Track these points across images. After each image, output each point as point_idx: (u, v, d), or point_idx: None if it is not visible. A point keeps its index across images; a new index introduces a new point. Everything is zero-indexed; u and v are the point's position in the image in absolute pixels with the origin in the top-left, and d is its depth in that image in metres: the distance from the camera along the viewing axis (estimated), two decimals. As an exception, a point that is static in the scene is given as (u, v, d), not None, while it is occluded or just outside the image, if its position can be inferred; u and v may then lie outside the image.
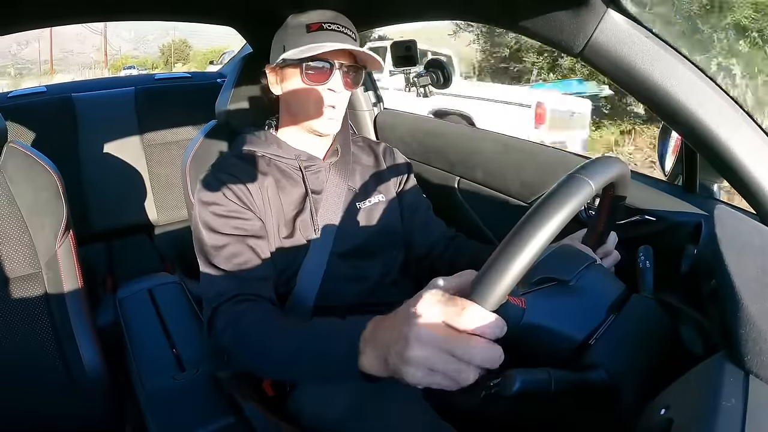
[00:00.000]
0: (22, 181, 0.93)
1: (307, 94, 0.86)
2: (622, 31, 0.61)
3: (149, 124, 1.81)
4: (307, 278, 0.87)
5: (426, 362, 0.45)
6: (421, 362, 0.45)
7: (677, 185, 0.88)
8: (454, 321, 0.44)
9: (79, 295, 0.98)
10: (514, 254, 0.43)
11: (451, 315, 0.44)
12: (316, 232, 0.88)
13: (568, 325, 0.55)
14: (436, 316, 0.45)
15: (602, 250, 0.73)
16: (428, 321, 0.45)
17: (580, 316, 0.56)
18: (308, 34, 0.84)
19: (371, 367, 0.53)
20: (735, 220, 0.62)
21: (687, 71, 0.62)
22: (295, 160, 0.90)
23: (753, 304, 0.43)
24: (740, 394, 0.38)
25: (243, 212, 0.83)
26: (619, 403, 0.53)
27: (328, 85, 0.85)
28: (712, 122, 0.63)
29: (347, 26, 0.87)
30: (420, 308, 0.46)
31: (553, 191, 0.47)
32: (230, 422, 0.86)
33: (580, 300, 0.57)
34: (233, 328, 0.73)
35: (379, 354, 0.51)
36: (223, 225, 0.81)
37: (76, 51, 23.28)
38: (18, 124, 1.63)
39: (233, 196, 0.83)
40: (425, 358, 0.44)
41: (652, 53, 0.61)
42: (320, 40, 0.83)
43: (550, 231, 0.44)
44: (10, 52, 22.42)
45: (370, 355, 0.53)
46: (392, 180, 1.01)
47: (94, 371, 0.96)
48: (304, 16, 0.86)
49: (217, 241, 0.81)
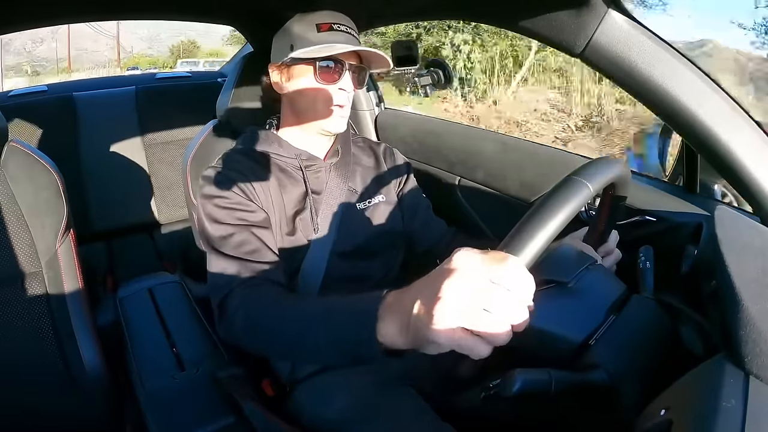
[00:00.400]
0: (22, 180, 0.93)
1: (318, 93, 0.86)
2: (622, 32, 0.61)
3: (150, 123, 1.81)
4: (307, 278, 0.87)
5: (459, 315, 0.40)
6: (453, 315, 0.40)
7: (678, 186, 0.88)
8: (496, 271, 0.40)
9: (80, 294, 0.98)
10: (547, 216, 0.45)
11: (493, 264, 0.40)
12: (316, 231, 0.88)
13: (566, 327, 0.55)
14: (474, 267, 0.41)
15: (603, 248, 0.73)
16: (466, 271, 0.41)
17: (579, 318, 0.56)
18: (319, 33, 0.85)
19: (390, 335, 0.49)
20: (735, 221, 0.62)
21: (687, 72, 0.62)
22: (296, 159, 0.90)
23: (753, 305, 0.43)
24: (740, 394, 0.38)
25: (247, 204, 0.83)
26: (619, 404, 0.53)
27: (339, 84, 0.86)
28: (713, 123, 0.63)
29: (353, 27, 0.89)
30: (456, 260, 0.42)
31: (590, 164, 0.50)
32: (230, 422, 0.86)
33: (578, 302, 0.57)
34: (245, 309, 0.72)
35: (401, 317, 0.47)
36: (228, 216, 0.81)
37: (90, 49, 23.41)
38: (19, 123, 1.63)
39: (237, 189, 0.83)
40: (459, 311, 0.40)
41: (653, 54, 0.61)
42: (332, 40, 0.84)
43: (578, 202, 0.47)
44: (25, 50, 22.54)
45: (390, 322, 0.49)
46: (392, 181, 1.01)
47: (94, 370, 0.96)
48: (313, 16, 0.87)
49: (223, 231, 0.80)
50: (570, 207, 0.47)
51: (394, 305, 0.50)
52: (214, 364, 0.99)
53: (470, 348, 0.41)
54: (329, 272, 0.88)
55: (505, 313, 0.39)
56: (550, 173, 1.03)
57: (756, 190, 0.65)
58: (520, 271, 0.40)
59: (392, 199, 0.99)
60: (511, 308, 0.40)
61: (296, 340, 0.64)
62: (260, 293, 0.73)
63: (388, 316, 0.50)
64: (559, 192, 0.48)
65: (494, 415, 0.75)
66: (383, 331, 0.50)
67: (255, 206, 0.84)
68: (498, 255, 0.41)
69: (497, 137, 1.24)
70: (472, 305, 0.40)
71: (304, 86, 0.87)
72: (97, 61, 22.72)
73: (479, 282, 0.40)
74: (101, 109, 1.78)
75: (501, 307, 0.39)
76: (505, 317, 0.40)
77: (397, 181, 1.02)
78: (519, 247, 0.43)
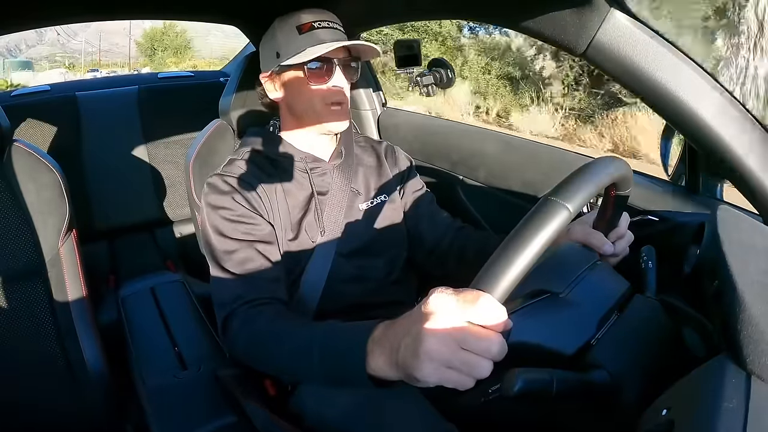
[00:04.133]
0: (25, 179, 0.93)
1: (313, 95, 0.86)
2: (625, 32, 0.61)
3: (152, 122, 1.81)
4: (311, 279, 0.87)
5: (440, 356, 0.44)
6: (435, 356, 0.44)
7: (680, 186, 0.88)
8: (469, 311, 0.43)
9: (82, 293, 0.98)
10: (518, 248, 0.43)
11: (465, 305, 0.43)
12: (322, 234, 0.88)
13: (556, 340, 0.54)
14: (449, 309, 0.44)
15: (615, 233, 0.71)
16: (442, 314, 0.44)
17: (571, 329, 0.55)
18: (301, 35, 0.84)
19: (380, 369, 0.52)
20: (738, 221, 0.62)
21: (691, 71, 0.62)
22: (302, 162, 0.90)
23: (755, 306, 0.42)
24: (742, 395, 0.38)
25: (252, 217, 0.84)
26: (621, 404, 0.53)
27: (332, 82, 0.85)
28: (716, 123, 0.63)
29: (334, 21, 0.88)
30: (432, 303, 0.45)
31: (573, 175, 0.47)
32: (232, 421, 0.86)
33: (571, 312, 0.56)
34: (246, 333, 0.75)
35: (388, 354, 0.51)
36: (233, 230, 0.82)
37: (120, 44, 23.84)
38: (22, 122, 1.64)
39: (242, 199, 0.84)
40: (439, 353, 0.44)
41: (656, 53, 0.61)
42: (316, 39, 0.84)
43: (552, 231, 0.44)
44: (59, 42, 22.83)
45: (379, 356, 0.52)
46: (395, 179, 1.01)
47: (96, 369, 0.97)
48: (292, 18, 0.86)
49: (227, 246, 0.81)
50: (546, 235, 0.44)
51: (383, 340, 0.53)
52: (215, 363, 0.99)
53: (455, 383, 0.45)
54: (332, 273, 0.88)
55: (481, 349, 0.43)
56: (552, 172, 1.03)
57: (758, 189, 0.64)
58: (492, 308, 0.43)
59: (395, 198, 0.99)
60: (487, 344, 0.43)
61: (292, 370, 0.71)
62: (260, 319, 0.75)
63: (377, 350, 0.53)
64: (532, 219, 0.45)
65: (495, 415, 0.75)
66: (373, 365, 0.53)
67: (260, 219, 0.84)
68: (469, 295, 0.44)
69: (499, 136, 1.23)
70: (450, 346, 0.43)
71: (298, 90, 0.87)
72: (126, 55, 23.14)
73: (455, 323, 0.43)
74: (104, 109, 1.78)
75: (477, 345, 0.43)
76: (483, 353, 0.43)
77: (399, 179, 1.02)
78: (490, 284, 0.44)
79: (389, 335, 0.52)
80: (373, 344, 0.54)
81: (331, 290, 0.88)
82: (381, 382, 0.54)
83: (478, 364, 0.43)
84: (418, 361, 0.45)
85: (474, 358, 0.43)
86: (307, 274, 0.87)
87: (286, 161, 0.90)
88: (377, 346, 0.53)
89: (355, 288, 0.90)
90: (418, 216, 1.01)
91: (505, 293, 0.44)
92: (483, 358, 0.43)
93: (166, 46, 23.82)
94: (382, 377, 0.53)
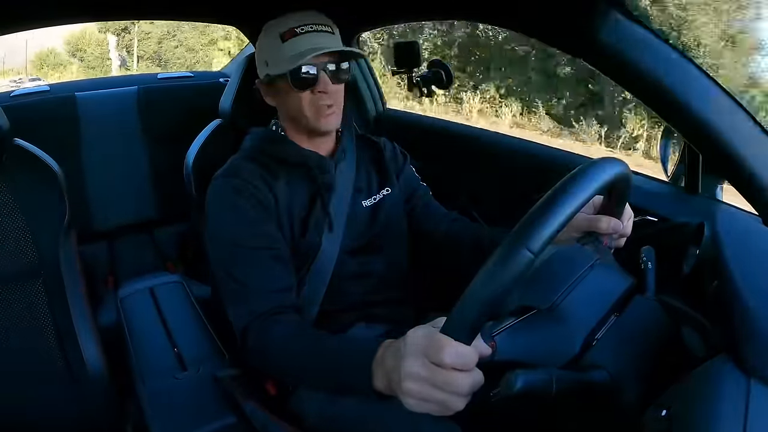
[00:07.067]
0: (24, 179, 0.93)
1: (301, 101, 0.86)
2: (625, 32, 0.61)
3: (152, 123, 1.81)
4: (316, 278, 0.87)
5: (418, 394, 0.50)
6: (414, 394, 0.50)
7: (680, 186, 0.88)
8: (435, 358, 0.48)
9: (81, 294, 0.98)
10: (483, 290, 0.45)
11: (431, 353, 0.48)
12: (329, 231, 0.88)
13: (543, 357, 0.54)
14: (420, 354, 0.49)
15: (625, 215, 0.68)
16: (415, 358, 0.49)
17: (558, 344, 0.55)
18: (284, 44, 0.84)
19: (383, 387, 0.58)
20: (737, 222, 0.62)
21: (689, 72, 0.62)
22: (306, 160, 0.90)
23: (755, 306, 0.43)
24: (741, 395, 0.38)
25: (260, 220, 0.84)
26: (621, 404, 0.53)
27: (318, 87, 0.85)
28: (716, 124, 0.63)
29: (320, 22, 0.87)
30: (410, 344, 0.51)
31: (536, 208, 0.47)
32: (231, 422, 0.86)
33: (559, 327, 0.56)
34: (261, 347, 0.77)
35: (386, 377, 0.56)
36: (240, 238, 0.82)
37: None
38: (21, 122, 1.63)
39: (248, 203, 0.84)
40: (417, 391, 0.49)
41: (656, 54, 0.61)
42: (297, 47, 0.83)
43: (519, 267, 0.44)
44: None
45: (381, 378, 0.58)
46: (393, 173, 1.01)
47: (95, 370, 0.96)
48: (276, 25, 0.86)
49: (236, 254, 0.82)
50: (508, 277, 0.44)
51: (382, 364, 0.58)
52: (215, 364, 0.99)
53: (437, 413, 0.50)
54: (336, 271, 0.88)
55: (451, 389, 0.48)
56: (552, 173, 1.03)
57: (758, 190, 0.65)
58: (457, 353, 0.47)
59: (395, 192, 1.00)
60: (455, 385, 0.47)
61: (305, 382, 0.79)
62: (274, 337, 0.76)
63: (378, 371, 0.58)
64: (497, 261, 0.45)
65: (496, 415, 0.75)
66: (377, 384, 0.58)
67: (268, 221, 0.84)
68: (438, 343, 0.47)
69: (498, 137, 1.24)
70: (424, 387, 0.49)
71: (287, 97, 0.87)
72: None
73: (426, 367, 0.48)
74: (103, 109, 1.78)
75: (447, 387, 0.48)
76: (454, 390, 0.48)
77: (396, 172, 1.02)
78: (457, 328, 0.47)
79: (386, 362, 0.57)
80: (375, 366, 0.58)
81: (334, 288, 0.88)
82: (386, 396, 0.58)
83: (451, 401, 0.48)
84: (402, 395, 0.51)
85: (446, 396, 0.48)
86: (311, 274, 0.87)
87: (290, 160, 0.90)
88: (379, 368, 0.58)
89: (358, 285, 0.90)
90: (414, 205, 1.02)
91: (473, 334, 0.47)
92: (455, 395, 0.48)
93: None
94: (389, 393, 0.57)
